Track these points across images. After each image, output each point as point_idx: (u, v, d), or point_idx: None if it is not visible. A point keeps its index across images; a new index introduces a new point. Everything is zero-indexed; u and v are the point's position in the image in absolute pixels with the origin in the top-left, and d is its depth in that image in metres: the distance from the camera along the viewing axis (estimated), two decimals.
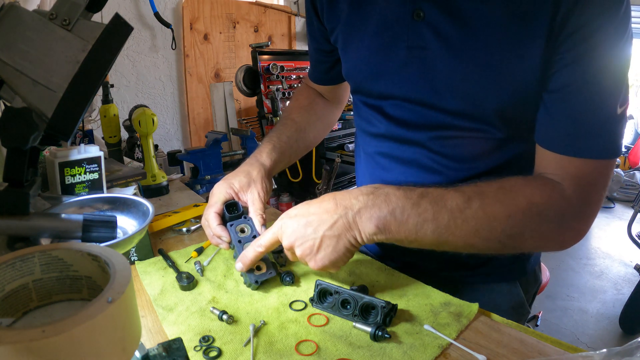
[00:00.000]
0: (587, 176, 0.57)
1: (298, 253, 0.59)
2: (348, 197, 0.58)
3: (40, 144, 0.48)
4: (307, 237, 0.58)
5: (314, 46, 0.90)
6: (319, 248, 0.58)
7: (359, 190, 0.59)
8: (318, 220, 0.58)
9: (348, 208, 0.57)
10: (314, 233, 0.58)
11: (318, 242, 0.58)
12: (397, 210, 0.56)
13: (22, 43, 0.44)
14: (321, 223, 0.58)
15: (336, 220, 0.57)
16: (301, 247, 0.59)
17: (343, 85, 0.96)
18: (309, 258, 0.59)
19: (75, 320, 0.26)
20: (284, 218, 0.61)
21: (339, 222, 0.57)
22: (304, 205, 0.61)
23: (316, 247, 0.58)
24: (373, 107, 0.76)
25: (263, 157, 0.80)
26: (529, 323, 2.09)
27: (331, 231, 0.57)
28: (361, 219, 0.56)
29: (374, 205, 0.56)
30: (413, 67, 0.66)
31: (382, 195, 0.57)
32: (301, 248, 0.59)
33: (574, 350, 0.52)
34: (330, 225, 0.57)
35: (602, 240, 3.22)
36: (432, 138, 0.69)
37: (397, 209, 0.56)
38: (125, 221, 0.60)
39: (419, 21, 0.63)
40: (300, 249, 0.59)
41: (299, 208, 0.61)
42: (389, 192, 0.57)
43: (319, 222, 0.58)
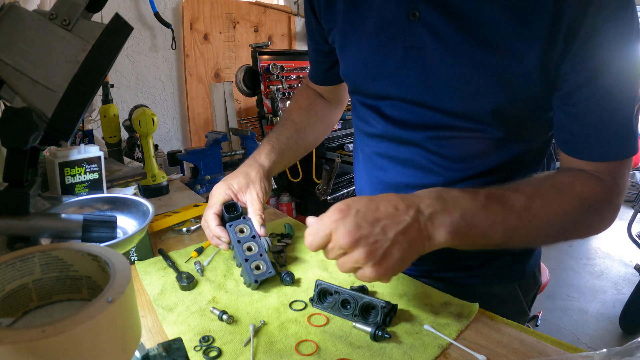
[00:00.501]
0: (618, 172, 0.61)
1: (358, 255, 0.48)
2: (415, 200, 0.52)
3: (40, 144, 0.48)
4: (374, 237, 0.48)
5: (313, 46, 0.90)
6: (386, 253, 0.48)
7: (424, 194, 0.53)
8: (388, 219, 0.49)
9: (419, 212, 0.51)
10: (384, 234, 0.48)
11: (387, 245, 0.48)
12: (467, 213, 0.52)
13: (22, 43, 0.44)
14: (392, 224, 0.49)
15: (410, 223, 0.49)
16: (365, 248, 0.48)
17: (343, 85, 0.96)
18: (371, 264, 0.48)
19: (75, 320, 0.26)
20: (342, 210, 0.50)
21: (413, 227, 0.50)
22: (362, 199, 0.52)
23: (384, 252, 0.48)
24: (370, 108, 0.76)
25: (262, 158, 0.81)
26: (529, 323, 2.10)
27: (404, 236, 0.49)
28: (433, 225, 0.51)
29: (444, 210, 0.51)
30: (410, 68, 0.66)
31: (451, 198, 0.53)
32: (365, 250, 0.48)
33: (574, 350, 0.52)
34: (404, 229, 0.49)
35: (602, 240, 3.22)
36: (430, 138, 0.69)
37: (467, 212, 0.52)
38: (125, 221, 0.60)
39: (415, 21, 0.63)
40: (364, 250, 0.48)
41: (360, 201, 0.51)
42: (456, 196, 0.53)
43: (390, 221, 0.49)
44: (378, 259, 0.48)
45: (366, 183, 0.82)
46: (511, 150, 0.68)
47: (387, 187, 0.76)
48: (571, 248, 3.10)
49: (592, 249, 3.10)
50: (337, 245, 0.49)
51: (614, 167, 0.60)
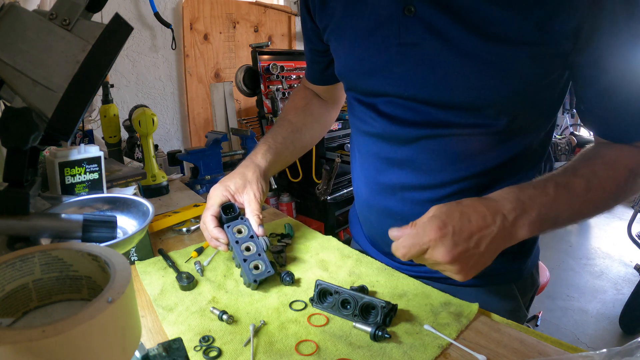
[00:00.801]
0: None
1: (455, 268, 0.53)
2: (497, 206, 0.56)
3: (40, 144, 0.48)
4: (470, 251, 0.53)
5: (308, 46, 0.90)
6: (477, 262, 0.55)
7: (503, 198, 0.57)
8: (480, 232, 0.54)
9: (504, 219, 0.55)
10: (477, 247, 0.54)
11: (478, 256, 0.54)
12: (543, 210, 0.57)
13: (22, 43, 0.44)
14: (484, 236, 0.54)
15: (497, 232, 0.54)
16: (463, 261, 0.53)
17: (339, 85, 0.96)
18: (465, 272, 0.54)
19: (75, 320, 0.26)
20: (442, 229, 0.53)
21: (499, 235, 0.55)
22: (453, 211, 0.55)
23: (475, 261, 0.54)
24: (367, 105, 0.76)
25: (258, 159, 0.81)
26: (529, 323, 2.10)
27: (493, 244, 0.55)
28: (516, 227, 0.56)
29: (524, 212, 0.56)
30: (406, 64, 0.66)
31: (528, 199, 0.57)
32: (463, 262, 0.53)
33: (574, 350, 0.52)
34: (492, 238, 0.54)
35: (602, 240, 3.22)
36: (427, 136, 0.69)
37: (542, 208, 0.57)
38: (125, 221, 0.60)
39: (410, 16, 0.63)
40: (462, 263, 0.53)
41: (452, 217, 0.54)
42: (532, 195, 0.57)
43: (481, 234, 0.54)
44: (471, 267, 0.54)
45: (363, 183, 0.82)
46: (509, 148, 0.68)
47: (384, 188, 0.76)
48: (571, 248, 3.10)
49: (592, 249, 3.10)
50: (434, 261, 0.54)
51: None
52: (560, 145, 3.90)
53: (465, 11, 0.59)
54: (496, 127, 0.65)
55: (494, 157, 0.68)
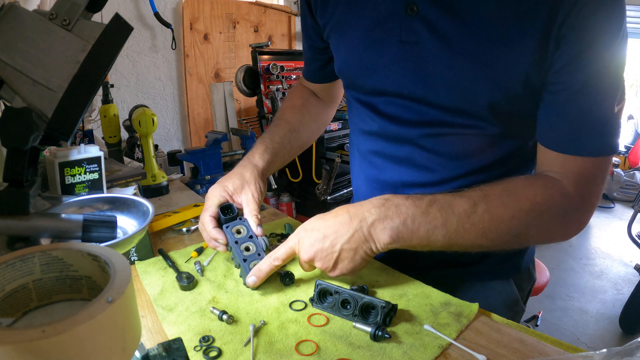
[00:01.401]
0: (587, 172, 0.60)
1: (318, 265, 0.62)
2: (361, 210, 0.60)
3: (40, 144, 0.48)
4: (325, 250, 0.60)
5: (307, 44, 0.90)
6: (337, 260, 0.60)
7: (371, 203, 0.61)
8: (335, 234, 0.60)
9: (362, 221, 0.59)
10: (332, 247, 0.60)
11: (336, 255, 0.60)
12: (408, 219, 0.58)
13: (22, 43, 0.44)
14: (338, 237, 0.59)
15: (352, 233, 0.59)
16: (321, 260, 0.61)
17: (337, 83, 0.96)
18: (328, 270, 0.62)
19: (75, 320, 0.26)
20: (300, 232, 0.63)
21: (355, 235, 0.59)
22: (318, 218, 0.63)
23: (334, 260, 0.60)
24: (366, 104, 0.76)
25: (256, 159, 0.80)
26: (529, 323, 2.10)
27: (349, 244, 0.59)
28: (375, 230, 0.59)
29: (386, 217, 0.59)
30: (406, 62, 0.66)
31: (393, 206, 0.59)
32: (321, 262, 0.61)
33: (574, 350, 0.52)
34: (348, 239, 0.59)
35: (602, 240, 3.22)
36: (425, 135, 0.69)
37: (408, 218, 0.58)
38: (125, 221, 0.60)
39: (413, 16, 0.63)
40: (320, 262, 0.61)
41: (314, 222, 0.63)
42: (399, 203, 0.59)
43: (336, 235, 0.60)
44: (331, 266, 0.61)
45: (362, 182, 0.82)
46: (506, 147, 0.68)
47: (383, 186, 0.76)
48: (571, 248, 3.10)
49: (592, 249, 3.10)
50: (302, 260, 0.63)
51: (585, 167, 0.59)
52: None
53: (469, 13, 0.59)
54: (492, 129, 0.66)
55: (491, 155, 0.69)
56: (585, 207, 0.61)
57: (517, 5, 0.56)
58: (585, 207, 0.61)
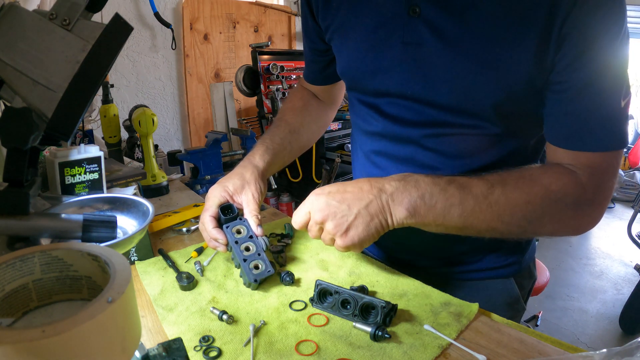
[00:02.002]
0: (599, 166, 0.60)
1: (329, 227, 0.59)
2: (382, 181, 0.60)
3: (40, 144, 0.48)
4: (341, 212, 0.59)
5: (308, 45, 0.90)
6: (350, 225, 0.59)
7: (392, 176, 0.61)
8: (353, 198, 0.59)
9: (382, 191, 0.59)
10: (349, 209, 0.59)
11: (352, 218, 0.59)
12: (426, 195, 0.58)
13: (22, 43, 0.44)
14: (356, 200, 0.59)
15: (371, 200, 0.59)
16: (334, 221, 0.59)
17: (337, 85, 0.96)
18: (339, 234, 0.59)
19: (75, 320, 0.26)
20: (318, 193, 0.62)
21: (373, 203, 0.59)
22: (338, 184, 0.62)
23: (348, 224, 0.59)
24: (369, 105, 0.76)
25: (256, 159, 0.81)
26: (529, 323, 2.10)
27: (366, 210, 0.58)
28: (394, 202, 0.59)
29: (405, 190, 0.59)
30: (409, 64, 0.66)
31: (413, 181, 0.59)
32: (333, 222, 0.59)
33: (574, 350, 0.52)
34: (366, 205, 0.58)
35: (602, 240, 3.22)
36: (428, 135, 0.69)
37: (426, 193, 0.58)
38: (125, 221, 0.60)
39: (415, 17, 0.63)
40: (333, 223, 0.59)
41: (333, 186, 0.62)
42: (419, 179, 0.60)
43: (354, 199, 0.59)
44: (344, 230, 0.59)
45: None
46: (509, 147, 0.68)
47: None
48: (571, 248, 3.10)
49: (592, 249, 3.11)
50: (314, 222, 0.61)
51: (596, 161, 0.60)
52: None
53: (470, 14, 0.59)
54: (494, 129, 0.66)
55: (493, 154, 0.69)
56: (598, 200, 0.61)
57: (517, 6, 0.57)
58: (598, 200, 0.61)
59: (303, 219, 0.62)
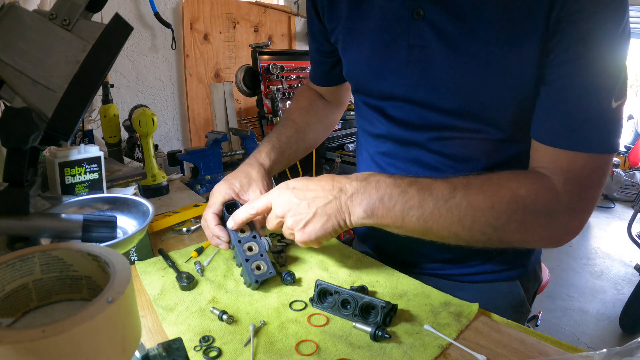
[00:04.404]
0: (579, 170, 0.56)
1: (288, 223, 0.61)
2: (344, 181, 0.61)
3: (40, 144, 0.48)
4: (300, 210, 0.60)
5: (314, 47, 0.90)
6: (308, 222, 0.60)
7: (355, 176, 0.62)
8: (313, 196, 0.60)
9: (342, 191, 0.60)
10: (308, 208, 0.60)
11: (309, 216, 0.60)
12: (385, 196, 0.58)
13: (22, 43, 0.44)
14: (316, 199, 0.60)
15: (330, 200, 0.60)
16: (293, 217, 0.61)
17: (344, 86, 0.96)
18: (297, 230, 0.61)
19: (75, 320, 0.26)
20: (282, 187, 0.64)
21: (332, 203, 0.60)
22: (302, 179, 0.64)
23: (306, 221, 0.60)
24: (374, 108, 0.76)
25: (262, 157, 0.81)
26: (529, 323, 2.09)
27: (324, 209, 0.60)
28: (352, 203, 0.59)
29: (365, 191, 0.59)
30: (414, 66, 0.66)
31: (374, 182, 0.60)
32: (293, 219, 0.61)
33: (574, 350, 0.52)
34: (324, 204, 0.60)
35: (602, 240, 3.22)
36: (432, 139, 0.69)
37: (385, 195, 0.58)
38: (125, 221, 0.60)
39: (419, 19, 0.63)
40: (292, 219, 0.61)
41: (298, 182, 0.63)
42: (380, 180, 0.60)
43: (314, 198, 0.60)
44: (302, 226, 0.61)
45: None
46: (513, 150, 0.68)
47: None
48: (571, 248, 3.10)
49: (592, 249, 3.10)
50: (275, 214, 0.63)
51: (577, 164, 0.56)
52: None
53: (473, 16, 0.59)
54: (498, 132, 0.65)
55: (498, 158, 0.69)
56: (575, 209, 0.57)
57: (519, 7, 0.56)
58: (575, 208, 0.57)
59: (263, 207, 0.65)
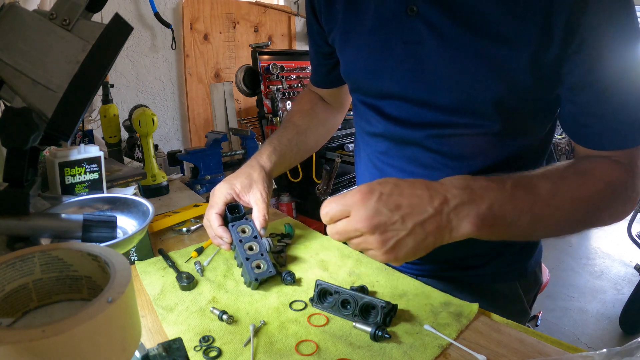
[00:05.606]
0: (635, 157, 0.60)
1: (373, 240, 0.49)
2: (442, 189, 0.51)
3: (40, 144, 0.48)
4: (393, 226, 0.48)
5: (313, 49, 0.91)
6: (400, 241, 0.49)
7: (451, 183, 0.52)
8: (410, 208, 0.49)
9: (444, 203, 0.49)
10: (402, 224, 0.48)
11: (403, 234, 0.49)
12: (495, 204, 0.50)
13: (22, 43, 0.44)
14: (412, 213, 0.49)
15: (432, 215, 0.49)
16: (382, 235, 0.48)
17: (344, 88, 0.96)
18: (384, 249, 0.49)
19: (75, 320, 0.26)
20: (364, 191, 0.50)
21: (433, 219, 0.49)
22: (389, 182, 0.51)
23: (397, 239, 0.49)
24: (371, 107, 0.76)
25: (263, 159, 0.81)
26: (529, 323, 2.10)
27: (423, 227, 0.49)
28: (457, 217, 0.50)
29: (471, 201, 0.50)
30: (409, 63, 0.66)
31: (478, 188, 0.51)
32: (381, 237, 0.48)
33: (574, 350, 0.52)
34: (424, 220, 0.49)
35: (602, 240, 3.22)
36: (430, 136, 0.69)
37: (495, 203, 0.50)
38: (125, 221, 0.60)
39: (413, 16, 0.64)
40: (380, 237, 0.48)
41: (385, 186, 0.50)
42: (485, 185, 0.52)
43: (411, 210, 0.49)
44: (391, 246, 0.49)
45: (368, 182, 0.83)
46: (512, 147, 0.68)
47: None
48: (571, 248, 3.10)
49: (592, 249, 3.10)
50: (354, 228, 0.49)
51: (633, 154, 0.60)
52: (560, 145, 3.90)
53: (467, 11, 0.59)
54: (496, 128, 0.65)
55: (495, 156, 0.69)
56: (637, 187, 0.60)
57: (512, 2, 0.56)
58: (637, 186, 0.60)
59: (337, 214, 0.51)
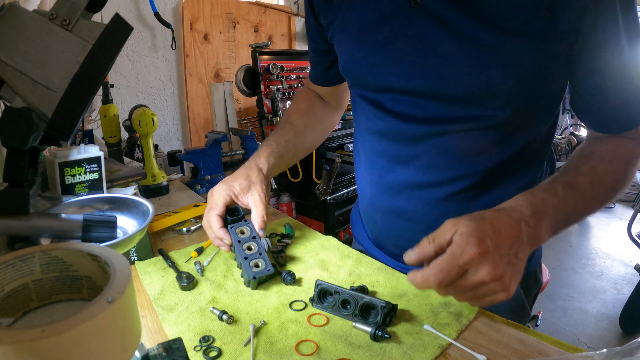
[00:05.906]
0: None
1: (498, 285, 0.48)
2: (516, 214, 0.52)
3: (40, 144, 0.48)
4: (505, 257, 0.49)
5: (312, 46, 0.90)
6: (516, 274, 0.50)
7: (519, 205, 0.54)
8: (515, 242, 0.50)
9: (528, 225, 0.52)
10: (516, 257, 0.50)
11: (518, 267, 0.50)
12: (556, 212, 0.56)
13: (22, 43, 0.44)
14: (520, 246, 0.50)
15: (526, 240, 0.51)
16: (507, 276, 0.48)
17: (342, 86, 0.96)
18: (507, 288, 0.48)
19: (75, 320, 0.26)
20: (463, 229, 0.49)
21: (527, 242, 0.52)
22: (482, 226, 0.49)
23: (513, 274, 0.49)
24: (371, 102, 0.76)
25: (261, 161, 0.81)
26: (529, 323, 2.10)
27: (525, 253, 0.51)
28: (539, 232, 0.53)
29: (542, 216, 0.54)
30: (412, 56, 0.66)
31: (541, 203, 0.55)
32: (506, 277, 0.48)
33: (574, 350, 0.52)
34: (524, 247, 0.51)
35: (602, 240, 3.22)
36: (432, 133, 0.69)
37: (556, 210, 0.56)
38: (125, 221, 0.60)
39: (416, 9, 0.63)
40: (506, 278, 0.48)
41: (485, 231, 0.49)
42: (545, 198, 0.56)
43: (517, 243, 0.50)
44: (510, 282, 0.49)
45: (367, 182, 0.82)
46: (514, 145, 0.68)
47: (390, 186, 0.76)
48: (571, 248, 3.10)
49: (592, 249, 3.10)
50: (481, 281, 0.47)
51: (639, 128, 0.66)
52: (560, 145, 3.90)
53: (472, 3, 0.59)
54: (500, 119, 0.65)
55: (498, 154, 0.69)
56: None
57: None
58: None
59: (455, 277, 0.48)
